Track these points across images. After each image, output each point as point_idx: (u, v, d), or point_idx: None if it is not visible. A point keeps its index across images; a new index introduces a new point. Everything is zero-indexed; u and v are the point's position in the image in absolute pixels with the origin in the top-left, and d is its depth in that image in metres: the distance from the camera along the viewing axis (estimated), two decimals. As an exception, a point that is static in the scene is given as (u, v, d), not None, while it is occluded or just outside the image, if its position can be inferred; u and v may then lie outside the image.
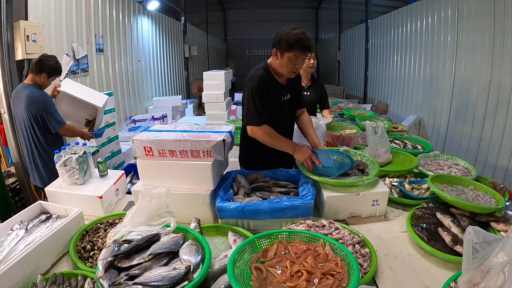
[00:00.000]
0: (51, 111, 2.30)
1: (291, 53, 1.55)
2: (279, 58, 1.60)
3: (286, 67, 1.61)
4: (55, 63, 2.35)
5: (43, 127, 2.31)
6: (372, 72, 7.64)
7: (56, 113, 2.33)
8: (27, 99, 2.24)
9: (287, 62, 1.59)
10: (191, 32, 8.64)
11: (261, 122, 1.64)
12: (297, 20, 12.92)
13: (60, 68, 2.42)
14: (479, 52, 3.85)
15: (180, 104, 6.16)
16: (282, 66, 1.62)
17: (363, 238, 1.24)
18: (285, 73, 1.66)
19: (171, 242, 1.08)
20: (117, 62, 4.80)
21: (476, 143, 3.91)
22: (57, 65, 2.37)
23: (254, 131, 1.66)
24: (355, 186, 1.52)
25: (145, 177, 1.52)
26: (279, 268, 0.98)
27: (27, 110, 2.25)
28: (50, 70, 2.32)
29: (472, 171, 1.84)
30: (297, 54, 1.56)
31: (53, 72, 2.35)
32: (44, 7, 3.21)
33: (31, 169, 2.46)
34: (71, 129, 2.48)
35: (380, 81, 7.11)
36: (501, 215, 1.33)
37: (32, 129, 2.30)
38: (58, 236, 1.22)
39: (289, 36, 1.53)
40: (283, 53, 1.57)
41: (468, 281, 0.91)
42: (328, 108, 2.78)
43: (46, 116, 2.27)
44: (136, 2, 5.48)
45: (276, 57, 1.61)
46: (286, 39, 1.54)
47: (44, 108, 2.26)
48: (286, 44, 1.54)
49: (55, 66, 2.35)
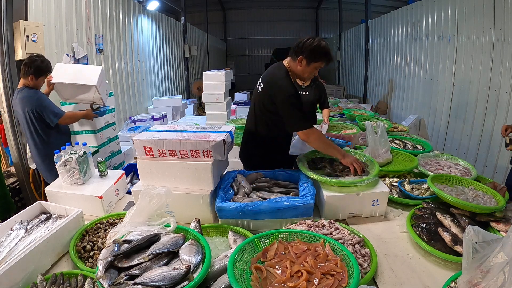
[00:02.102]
0: (45, 105, 2.27)
1: (318, 63, 1.67)
2: (304, 66, 1.68)
3: (309, 74, 1.73)
4: (40, 62, 2.27)
5: (43, 124, 2.30)
6: (372, 72, 7.64)
7: (51, 106, 2.30)
8: (20, 101, 2.24)
9: (312, 70, 1.70)
10: (191, 32, 8.63)
11: (310, 125, 1.70)
12: (297, 20, 12.92)
13: (47, 66, 2.34)
14: (479, 52, 3.84)
15: (180, 104, 6.15)
16: (305, 72, 1.72)
17: (363, 238, 1.24)
18: (306, 78, 1.81)
19: (171, 242, 1.08)
20: (117, 62, 4.79)
21: (476, 143, 3.91)
22: (43, 64, 2.29)
23: (308, 134, 1.68)
24: (355, 186, 1.52)
25: (145, 177, 1.52)
26: (279, 268, 0.98)
27: (23, 112, 2.24)
28: (35, 71, 2.25)
29: (472, 171, 1.84)
30: (321, 64, 1.70)
31: (39, 72, 2.28)
32: (44, 7, 3.20)
33: (45, 170, 2.45)
34: (71, 116, 2.45)
35: (380, 81, 7.11)
36: (501, 215, 1.34)
37: (35, 129, 2.30)
38: (58, 236, 1.22)
39: (318, 49, 1.64)
40: (310, 62, 1.67)
41: (468, 281, 0.91)
42: (327, 108, 2.78)
43: (42, 112, 2.26)
44: (136, 2, 5.48)
45: (300, 63, 1.69)
46: (315, 50, 1.64)
47: (37, 105, 2.24)
48: (314, 55, 1.65)
49: (40, 65, 2.27)
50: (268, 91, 1.74)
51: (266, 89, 1.76)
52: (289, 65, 1.74)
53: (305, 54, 1.64)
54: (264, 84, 1.78)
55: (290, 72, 1.74)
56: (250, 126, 1.93)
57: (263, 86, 1.79)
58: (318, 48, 1.63)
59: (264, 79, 1.80)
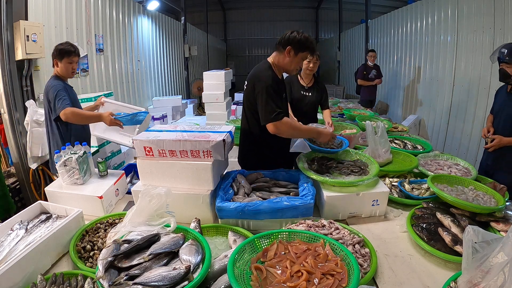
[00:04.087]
0: (54, 95, 2.10)
1: (304, 53, 1.72)
2: (292, 56, 1.71)
3: (295, 65, 1.76)
4: (60, 45, 2.24)
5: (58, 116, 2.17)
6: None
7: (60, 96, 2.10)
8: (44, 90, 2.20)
9: (298, 60, 1.74)
10: (191, 32, 8.63)
11: (282, 116, 1.67)
12: (297, 20, 12.92)
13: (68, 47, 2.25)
14: (479, 52, 3.85)
15: (180, 104, 6.15)
16: (291, 63, 1.74)
17: (363, 238, 1.24)
18: (292, 70, 1.80)
19: (171, 242, 1.08)
20: (117, 62, 4.79)
21: (476, 143, 3.91)
22: (62, 46, 2.24)
23: (277, 126, 1.65)
24: (355, 186, 1.52)
25: (145, 177, 1.52)
26: (279, 268, 0.98)
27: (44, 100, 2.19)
28: (58, 54, 2.21)
29: (472, 171, 1.84)
30: (307, 55, 1.75)
31: (62, 54, 2.21)
32: (44, 7, 3.20)
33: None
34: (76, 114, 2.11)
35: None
36: (501, 215, 1.34)
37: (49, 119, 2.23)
38: (58, 236, 1.22)
39: (304, 39, 1.69)
40: (297, 52, 1.71)
41: (468, 281, 0.90)
42: (328, 108, 2.77)
43: (50, 102, 2.14)
44: (136, 2, 5.48)
45: (288, 54, 1.71)
46: (302, 41, 1.69)
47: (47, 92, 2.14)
48: (301, 45, 1.69)
49: (60, 47, 2.22)
50: (250, 85, 1.75)
51: (249, 84, 1.76)
52: (274, 60, 1.77)
53: (293, 45, 1.69)
54: (248, 80, 1.79)
55: (274, 66, 1.76)
56: (243, 126, 1.93)
57: (247, 83, 1.79)
58: (305, 39, 1.70)
59: (248, 76, 1.81)
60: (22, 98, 2.87)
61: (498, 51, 2.06)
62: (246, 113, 1.86)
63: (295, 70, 1.80)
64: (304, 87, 2.58)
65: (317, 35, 13.26)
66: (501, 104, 2.16)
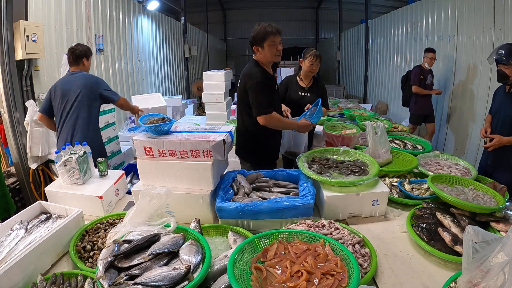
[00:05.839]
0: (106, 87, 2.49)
1: (267, 41, 1.86)
2: (262, 51, 1.90)
3: (270, 53, 1.90)
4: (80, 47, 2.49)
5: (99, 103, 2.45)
6: (372, 72, 7.64)
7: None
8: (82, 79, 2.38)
9: (269, 49, 1.88)
10: (191, 32, 8.63)
11: (272, 110, 1.90)
12: (297, 20, 12.92)
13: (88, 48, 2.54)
14: (479, 52, 3.84)
15: (180, 104, 6.14)
16: (266, 54, 1.90)
17: (363, 238, 1.24)
18: (272, 59, 1.94)
19: (171, 242, 1.08)
20: (117, 62, 4.79)
21: (476, 143, 3.91)
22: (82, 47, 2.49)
23: (267, 119, 1.89)
24: (355, 186, 1.52)
25: (145, 177, 1.52)
26: (279, 268, 0.98)
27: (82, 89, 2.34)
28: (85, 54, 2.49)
29: (472, 171, 1.84)
30: (273, 39, 1.86)
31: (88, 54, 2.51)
32: (44, 7, 3.20)
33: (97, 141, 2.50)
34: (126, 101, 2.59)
35: (380, 81, 7.11)
36: (501, 215, 1.34)
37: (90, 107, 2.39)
38: (58, 236, 1.22)
39: (259, 30, 1.85)
40: (262, 45, 1.87)
41: (468, 281, 0.90)
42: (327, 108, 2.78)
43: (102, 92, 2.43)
44: (136, 2, 5.48)
45: (258, 52, 1.91)
46: (257, 33, 1.86)
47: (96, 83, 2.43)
48: (259, 36, 1.86)
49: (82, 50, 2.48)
50: (242, 83, 1.93)
51: (241, 82, 1.95)
52: (258, 59, 1.96)
53: (255, 42, 1.89)
54: (240, 79, 1.98)
55: (260, 62, 1.95)
56: (238, 123, 2.11)
57: (239, 82, 1.98)
58: (258, 30, 1.85)
59: (240, 75, 1.98)
60: (22, 98, 2.87)
61: (495, 52, 2.06)
62: (241, 109, 2.06)
63: (274, 57, 1.92)
64: (303, 88, 2.59)
65: (317, 35, 13.26)
66: (499, 105, 2.16)
